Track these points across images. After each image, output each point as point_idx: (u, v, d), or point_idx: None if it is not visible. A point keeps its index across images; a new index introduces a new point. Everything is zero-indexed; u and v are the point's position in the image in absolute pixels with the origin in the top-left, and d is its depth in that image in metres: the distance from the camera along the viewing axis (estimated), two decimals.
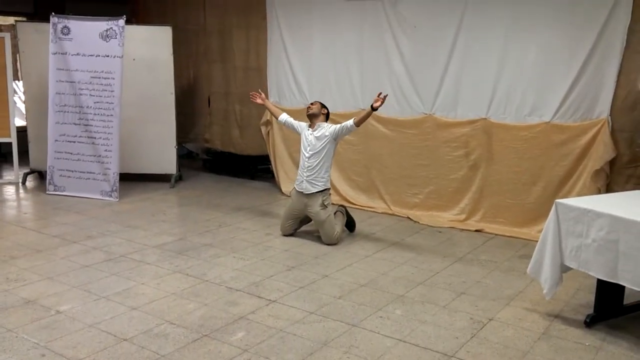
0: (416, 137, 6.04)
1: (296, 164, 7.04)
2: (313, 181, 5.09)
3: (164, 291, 3.90)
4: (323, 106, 5.32)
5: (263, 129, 7.28)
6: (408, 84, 6.06)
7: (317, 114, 5.21)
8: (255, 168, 7.99)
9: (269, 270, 4.36)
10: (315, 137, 5.11)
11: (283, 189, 7.06)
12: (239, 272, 4.31)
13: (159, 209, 6.16)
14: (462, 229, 5.63)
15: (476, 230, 5.58)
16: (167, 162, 7.30)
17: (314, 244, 5.04)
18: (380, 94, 4.84)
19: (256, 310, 3.62)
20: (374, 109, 4.84)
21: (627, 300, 3.64)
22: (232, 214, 6.02)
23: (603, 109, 5.05)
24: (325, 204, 5.11)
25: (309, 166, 5.11)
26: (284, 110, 7.13)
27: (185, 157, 9.06)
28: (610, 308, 3.55)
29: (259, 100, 5.61)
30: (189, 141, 8.74)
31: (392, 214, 6.14)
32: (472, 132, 5.70)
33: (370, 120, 6.27)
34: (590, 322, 3.46)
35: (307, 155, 5.13)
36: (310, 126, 5.23)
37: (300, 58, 6.87)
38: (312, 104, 5.34)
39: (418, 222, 5.85)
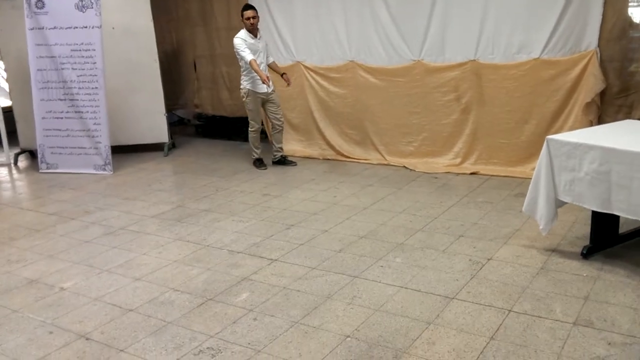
0: (406, 84, 5.98)
1: (288, 121, 7.02)
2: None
3: (165, 259, 3.94)
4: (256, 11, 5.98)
5: None
6: (394, 31, 5.95)
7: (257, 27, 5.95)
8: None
9: (268, 230, 4.39)
10: (264, 43, 6.10)
11: None
12: (239, 234, 4.34)
13: (154, 179, 6.16)
14: (458, 173, 5.65)
15: (472, 173, 5.60)
16: (158, 130, 7.25)
17: (312, 202, 5.07)
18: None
19: (258, 271, 3.66)
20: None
21: (622, 229, 3.69)
22: (228, 178, 6.02)
23: (591, 40, 4.99)
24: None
25: (264, 68, 5.99)
26: (270, 68, 7.06)
27: (176, 124, 8.99)
28: (606, 238, 3.60)
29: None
30: (179, 108, 8.67)
31: (388, 165, 6.14)
32: (461, 75, 5.64)
33: (359, 71, 6.24)
34: (587, 254, 3.51)
35: (262, 59, 5.98)
36: (255, 36, 5.95)
37: (283, 14, 6.72)
38: (254, 17, 5.88)
39: (414, 170, 5.86)
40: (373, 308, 3.09)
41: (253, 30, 5.89)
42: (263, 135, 6.60)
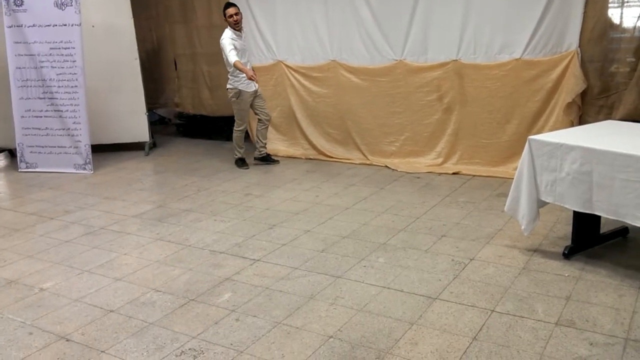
0: (388, 84, 5.98)
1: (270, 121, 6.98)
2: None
3: (147, 260, 3.89)
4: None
5: None
6: (376, 31, 5.96)
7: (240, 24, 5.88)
8: (230, 129, 7.86)
9: (250, 230, 4.36)
10: (245, 42, 6.06)
11: None
12: (221, 234, 4.30)
13: (135, 178, 6.08)
14: (440, 173, 5.67)
15: (454, 173, 5.63)
16: (139, 129, 7.16)
17: (294, 202, 5.04)
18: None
19: (241, 271, 3.63)
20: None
21: (603, 229, 3.73)
22: (210, 177, 5.97)
23: (572, 40, 5.04)
24: None
25: (249, 65, 5.96)
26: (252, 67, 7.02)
27: (157, 124, 8.90)
28: (587, 238, 3.63)
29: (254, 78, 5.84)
30: (160, 107, 8.58)
31: (370, 164, 6.15)
32: (443, 75, 5.66)
33: (340, 70, 6.23)
34: (569, 254, 3.54)
35: (246, 58, 5.96)
36: (240, 34, 5.91)
37: (264, 13, 6.68)
38: (236, 14, 5.83)
39: (396, 170, 5.87)
40: (356, 308, 3.08)
41: (237, 27, 5.85)
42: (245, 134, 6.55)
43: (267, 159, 6.40)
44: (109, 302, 3.29)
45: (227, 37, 5.79)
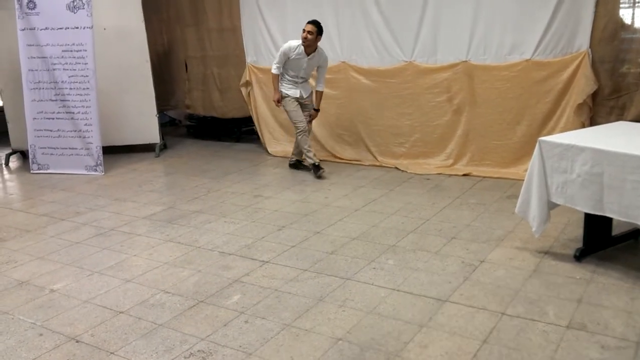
0: (398, 85, 5.97)
1: (279, 123, 7.01)
2: (306, 86, 5.96)
3: (156, 261, 3.90)
4: (317, 30, 5.60)
5: (243, 90, 7.17)
6: (386, 32, 5.95)
7: (311, 44, 5.61)
8: (240, 130, 7.91)
9: (260, 231, 4.36)
10: (314, 65, 5.81)
11: (269, 150, 7.02)
12: (231, 236, 4.31)
13: (145, 180, 6.12)
14: (450, 175, 5.65)
15: (464, 175, 5.60)
16: (149, 131, 7.20)
17: (304, 204, 5.05)
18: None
19: (250, 273, 3.64)
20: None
21: (615, 231, 3.69)
22: (219, 179, 5.99)
23: (582, 41, 5.00)
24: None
25: (304, 86, 5.93)
26: (260, 69, 7.05)
27: (168, 125, 8.95)
28: (598, 240, 3.60)
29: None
30: (170, 108, 8.63)
31: (380, 166, 6.13)
32: (453, 76, 5.64)
33: (351, 72, 6.23)
34: (580, 256, 3.51)
35: (303, 76, 5.84)
36: (306, 52, 5.66)
37: (274, 15, 6.70)
38: (309, 32, 5.56)
39: (406, 172, 5.85)
40: (365, 311, 3.07)
41: (304, 44, 5.58)
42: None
43: (297, 166, 6.20)
44: (119, 304, 3.31)
45: (285, 46, 5.68)
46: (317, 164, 5.80)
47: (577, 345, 2.63)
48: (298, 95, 5.81)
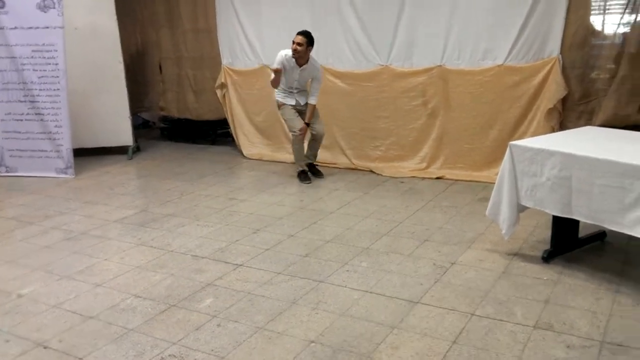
0: (374, 89, 6.01)
1: (255, 125, 7.00)
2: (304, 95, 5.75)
3: (128, 265, 3.86)
4: (308, 42, 5.44)
5: (218, 92, 7.14)
6: (362, 36, 5.99)
7: (301, 55, 5.44)
8: (215, 133, 7.87)
9: (234, 235, 4.35)
10: (307, 77, 5.63)
11: (244, 152, 6.99)
12: (204, 239, 4.28)
13: (117, 182, 6.04)
14: (424, 178, 5.70)
15: (437, 178, 5.66)
16: (122, 133, 7.11)
17: (279, 206, 5.04)
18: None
19: (223, 276, 3.62)
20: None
21: (582, 233, 3.77)
22: (193, 182, 5.95)
23: (553, 47, 5.11)
24: None
25: (297, 98, 5.73)
26: (236, 71, 7.03)
27: (141, 127, 8.85)
28: (566, 242, 3.67)
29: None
30: (144, 110, 8.53)
31: (355, 169, 6.16)
32: (428, 80, 5.70)
33: (327, 75, 6.24)
34: (548, 257, 3.57)
35: (296, 86, 5.66)
36: (297, 63, 5.51)
37: (250, 17, 6.69)
38: (298, 43, 5.41)
39: (381, 175, 5.89)
40: (338, 313, 3.08)
41: (294, 56, 5.43)
42: None
43: (310, 170, 5.91)
44: (89, 308, 3.26)
45: (282, 53, 5.50)
46: (304, 170, 5.77)
47: (543, 345, 2.68)
48: (294, 103, 5.68)
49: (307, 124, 5.67)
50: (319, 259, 3.82)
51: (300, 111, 5.70)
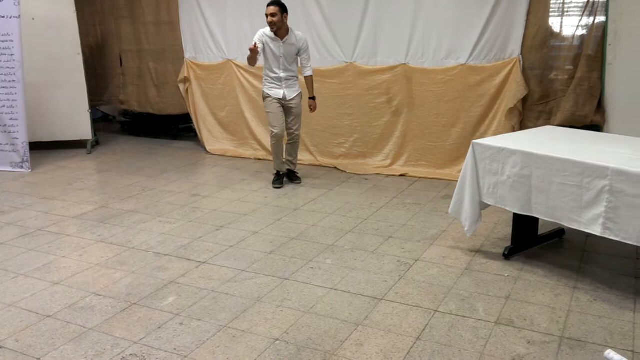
0: (338, 86, 6.01)
1: (218, 121, 6.91)
2: (292, 87, 5.33)
3: (87, 262, 3.75)
4: (281, 10, 5.06)
5: (181, 86, 7.02)
6: (327, 33, 5.98)
7: (279, 26, 5.09)
8: (177, 128, 7.75)
9: (197, 232, 4.28)
10: (295, 49, 5.22)
11: (208, 148, 6.90)
12: (166, 236, 4.21)
13: (76, 177, 5.87)
14: (388, 175, 5.75)
15: (401, 175, 5.71)
16: (81, 127, 6.92)
17: (243, 203, 5.00)
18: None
19: (186, 274, 3.56)
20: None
21: (541, 231, 3.86)
22: (155, 177, 5.84)
23: (514, 48, 5.21)
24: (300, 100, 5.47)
25: (285, 76, 5.26)
26: (199, 65, 6.93)
27: (100, 121, 8.65)
28: (526, 239, 3.76)
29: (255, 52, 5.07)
30: (104, 104, 8.33)
31: (319, 165, 6.16)
32: (392, 78, 5.74)
33: None
34: (509, 254, 3.65)
35: (282, 65, 5.24)
36: (277, 37, 5.14)
37: (214, 11, 6.59)
38: (272, 14, 5.04)
39: (345, 172, 5.91)
40: (303, 310, 3.07)
41: (272, 30, 5.09)
42: None
43: (289, 177, 5.61)
44: (46, 307, 3.16)
45: (260, 32, 5.18)
46: (279, 172, 5.49)
47: (504, 341, 2.74)
48: (281, 97, 5.24)
49: (313, 98, 5.32)
50: (284, 256, 3.80)
51: (287, 107, 5.31)
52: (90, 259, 3.81)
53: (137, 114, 7.95)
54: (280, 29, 5.10)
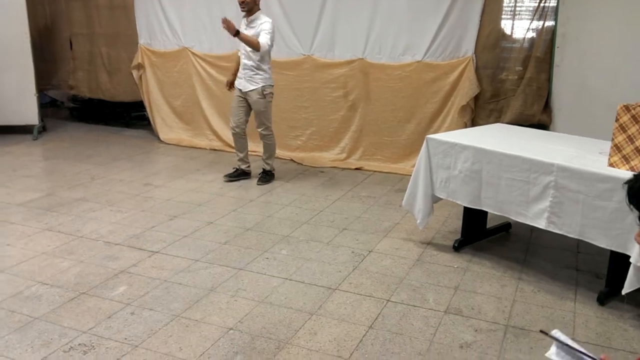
0: (296, 78, 6.01)
1: (173, 109, 6.79)
2: (251, 78, 5.00)
3: (33, 251, 3.63)
4: None
5: (135, 73, 6.86)
6: (285, 24, 5.96)
7: (250, 7, 4.85)
8: (129, 115, 7.56)
9: (149, 221, 4.21)
10: (256, 31, 4.85)
11: (161, 137, 6.77)
12: (117, 225, 4.12)
13: (21, 164, 5.66)
14: (343, 168, 5.80)
15: (356, 169, 5.77)
16: (27, 112, 6.67)
17: (197, 193, 4.94)
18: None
19: (138, 263, 3.50)
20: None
21: (489, 224, 3.99)
22: (106, 165, 5.69)
23: (468, 47, 5.34)
24: (265, 94, 5.06)
25: (246, 63, 5.00)
26: (154, 52, 6.78)
27: (48, 106, 8.33)
28: (475, 232, 3.88)
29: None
30: (52, 88, 8.04)
31: (276, 157, 6.12)
32: (350, 72, 5.78)
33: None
34: (458, 247, 3.76)
35: (244, 50, 4.99)
36: (245, 19, 4.94)
37: None
38: None
39: (301, 164, 5.92)
40: (257, 300, 3.08)
41: (244, 10, 4.86)
42: None
43: (238, 175, 5.36)
44: None
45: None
46: (236, 167, 5.35)
47: (453, 329, 2.82)
48: (241, 87, 5.06)
49: (237, 31, 4.71)
50: (239, 247, 3.79)
51: (248, 102, 5.09)
52: (37, 248, 3.69)
53: (87, 100, 7.71)
54: (250, 11, 4.88)
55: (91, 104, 7.69)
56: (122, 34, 6.97)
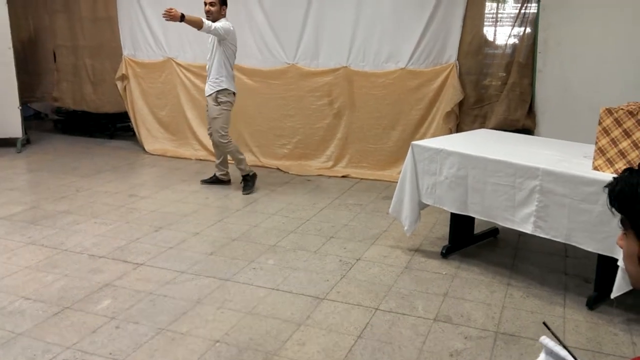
0: (281, 87, 6.01)
1: (158, 120, 6.75)
2: (209, 83, 5.01)
3: (16, 265, 3.57)
4: (220, 2, 4.92)
5: (119, 84, 6.81)
6: (270, 33, 5.97)
7: (215, 17, 4.89)
8: (114, 126, 7.50)
9: (134, 233, 4.16)
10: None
11: (146, 148, 6.72)
12: (102, 237, 4.06)
13: (5, 177, 5.58)
14: (330, 176, 5.79)
15: (342, 176, 5.77)
16: (10, 124, 6.58)
17: (183, 204, 4.90)
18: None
19: (123, 276, 3.45)
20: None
21: (477, 230, 4.00)
22: (90, 177, 5.63)
23: (451, 53, 5.37)
24: (219, 101, 5.00)
25: (211, 67, 5.00)
26: (138, 63, 6.74)
27: (32, 119, 8.25)
28: (462, 238, 3.88)
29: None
30: (35, 100, 7.95)
31: (262, 166, 6.12)
32: (334, 80, 5.79)
33: (235, 72, 6.12)
34: (446, 253, 3.75)
35: (211, 58, 5.02)
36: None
37: (154, 7, 6.42)
38: (209, 2, 4.94)
39: (287, 173, 5.90)
40: (244, 311, 3.04)
41: (209, 19, 4.89)
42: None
43: (212, 181, 5.45)
44: None
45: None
46: (218, 177, 5.40)
47: (442, 337, 2.81)
48: (206, 92, 5.09)
49: (182, 15, 4.77)
50: (225, 257, 3.75)
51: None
52: (20, 262, 3.62)
53: (71, 112, 7.64)
54: (215, 20, 4.89)
55: (75, 115, 7.61)
56: (106, 45, 6.92)
